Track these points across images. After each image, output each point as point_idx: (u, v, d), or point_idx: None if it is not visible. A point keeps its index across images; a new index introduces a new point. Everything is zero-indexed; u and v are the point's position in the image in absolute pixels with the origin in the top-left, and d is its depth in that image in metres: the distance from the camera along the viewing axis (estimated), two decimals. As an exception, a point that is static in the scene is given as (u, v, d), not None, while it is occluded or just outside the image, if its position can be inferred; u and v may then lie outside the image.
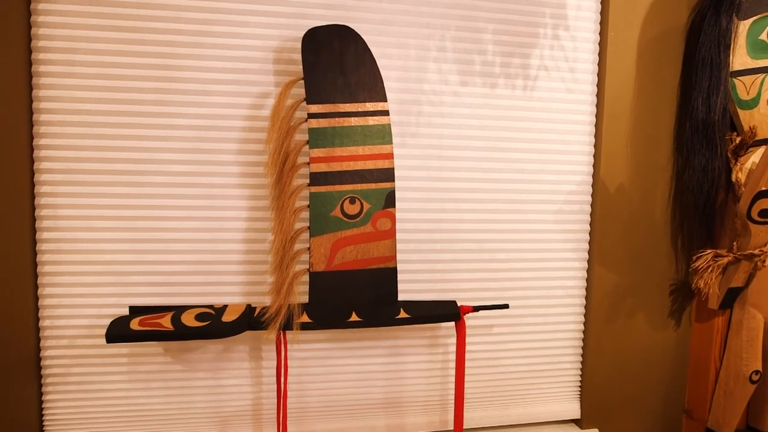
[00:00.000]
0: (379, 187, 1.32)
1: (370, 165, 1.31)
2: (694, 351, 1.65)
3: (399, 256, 1.46)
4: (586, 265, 1.60)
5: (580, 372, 1.63)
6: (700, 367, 1.63)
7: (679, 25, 1.51)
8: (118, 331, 1.16)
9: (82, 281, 1.34)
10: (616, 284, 1.58)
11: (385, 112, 1.32)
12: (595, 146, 1.56)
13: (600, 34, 1.53)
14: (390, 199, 1.33)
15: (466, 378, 1.55)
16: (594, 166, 1.57)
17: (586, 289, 1.60)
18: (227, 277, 1.40)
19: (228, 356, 1.43)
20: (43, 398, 1.35)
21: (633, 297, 1.60)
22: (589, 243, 1.59)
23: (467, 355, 1.54)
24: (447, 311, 1.38)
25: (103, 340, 1.35)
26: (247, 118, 1.37)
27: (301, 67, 1.31)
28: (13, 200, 1.27)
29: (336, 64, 1.28)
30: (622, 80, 1.52)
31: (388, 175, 1.33)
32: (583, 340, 1.62)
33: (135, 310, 1.29)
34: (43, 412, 1.36)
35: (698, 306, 1.62)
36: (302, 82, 1.29)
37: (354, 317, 1.30)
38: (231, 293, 1.40)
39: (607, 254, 1.57)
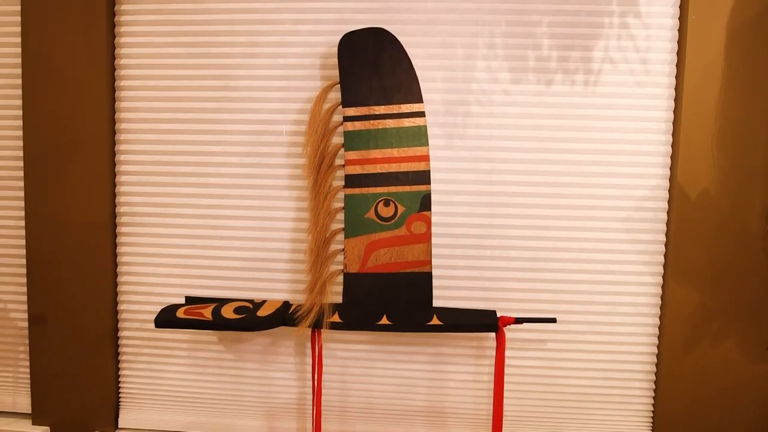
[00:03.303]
0: (414, 189, 1.30)
1: (404, 167, 1.29)
2: (804, 391, 1.37)
3: (444, 262, 1.42)
4: (661, 281, 1.41)
5: (652, 401, 1.44)
6: (812, 412, 1.35)
7: (782, 2, 1.28)
8: (165, 318, 1.28)
9: (152, 271, 1.50)
10: (697, 305, 1.37)
11: (421, 114, 1.30)
12: (672, 146, 1.38)
13: (679, 19, 1.35)
14: (425, 203, 1.30)
15: (514, 394, 1.45)
16: (671, 168, 1.38)
17: (661, 308, 1.41)
18: (277, 275, 1.47)
19: (275, 350, 1.50)
20: (120, 373, 1.54)
21: (720, 321, 1.37)
22: (665, 256, 1.40)
23: (516, 370, 1.44)
24: (484, 321, 1.31)
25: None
26: (295, 122, 1.43)
27: (343, 71, 1.34)
28: (98, 200, 1.46)
29: (371, 67, 1.29)
30: (705, 70, 1.32)
31: (424, 177, 1.30)
32: (657, 365, 1.43)
33: (189, 300, 1.42)
34: (120, 387, 1.54)
35: (810, 337, 1.35)
36: (339, 86, 1.32)
37: (384, 320, 1.29)
38: (279, 290, 1.47)
39: (687, 270, 1.37)
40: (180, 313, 1.29)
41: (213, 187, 1.47)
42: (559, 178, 1.41)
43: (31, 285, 1.49)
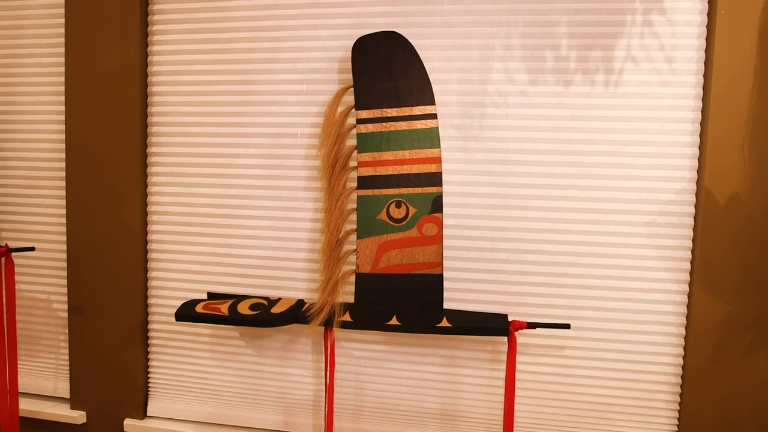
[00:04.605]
0: (425, 191, 1.30)
1: (416, 169, 1.30)
2: None
3: (459, 264, 1.41)
4: (687, 289, 1.35)
5: (677, 415, 1.38)
6: None
7: (821, -6, 1.20)
8: (185, 312, 1.34)
9: (179, 268, 1.58)
10: (727, 315, 1.30)
11: (433, 116, 1.30)
12: (699, 148, 1.31)
13: (707, 14, 1.29)
14: (437, 204, 1.30)
15: (529, 401, 1.42)
16: (698, 171, 1.32)
17: (686, 317, 1.35)
18: (294, 273, 1.51)
19: (293, 347, 1.53)
20: (149, 364, 1.62)
21: (754, 333, 1.30)
22: (691, 263, 1.34)
23: (531, 376, 1.42)
24: (494, 324, 1.29)
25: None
26: (313, 125, 1.47)
27: (357, 74, 1.37)
28: (131, 202, 1.55)
29: (384, 69, 1.31)
30: (735, 69, 1.25)
31: (435, 179, 1.30)
32: (682, 377, 1.36)
33: (210, 296, 1.48)
34: (149, 376, 1.62)
35: None
36: (353, 89, 1.34)
37: (394, 321, 1.30)
38: (296, 288, 1.51)
39: (715, 277, 1.30)
40: (199, 308, 1.35)
41: (236, 188, 1.53)
42: (578, 181, 1.37)
43: (71, 279, 1.60)
